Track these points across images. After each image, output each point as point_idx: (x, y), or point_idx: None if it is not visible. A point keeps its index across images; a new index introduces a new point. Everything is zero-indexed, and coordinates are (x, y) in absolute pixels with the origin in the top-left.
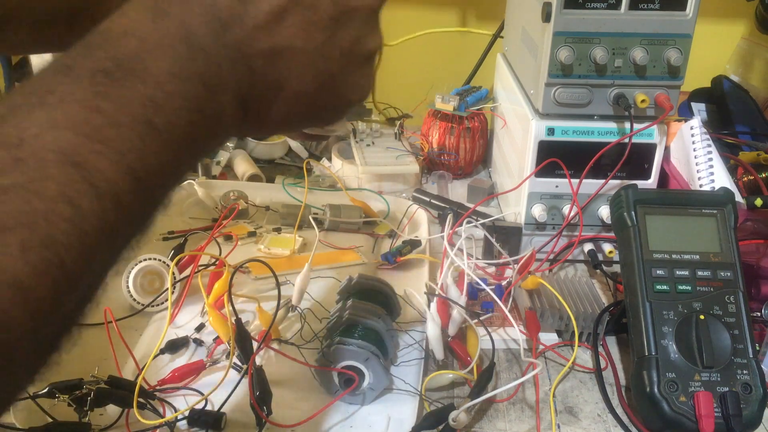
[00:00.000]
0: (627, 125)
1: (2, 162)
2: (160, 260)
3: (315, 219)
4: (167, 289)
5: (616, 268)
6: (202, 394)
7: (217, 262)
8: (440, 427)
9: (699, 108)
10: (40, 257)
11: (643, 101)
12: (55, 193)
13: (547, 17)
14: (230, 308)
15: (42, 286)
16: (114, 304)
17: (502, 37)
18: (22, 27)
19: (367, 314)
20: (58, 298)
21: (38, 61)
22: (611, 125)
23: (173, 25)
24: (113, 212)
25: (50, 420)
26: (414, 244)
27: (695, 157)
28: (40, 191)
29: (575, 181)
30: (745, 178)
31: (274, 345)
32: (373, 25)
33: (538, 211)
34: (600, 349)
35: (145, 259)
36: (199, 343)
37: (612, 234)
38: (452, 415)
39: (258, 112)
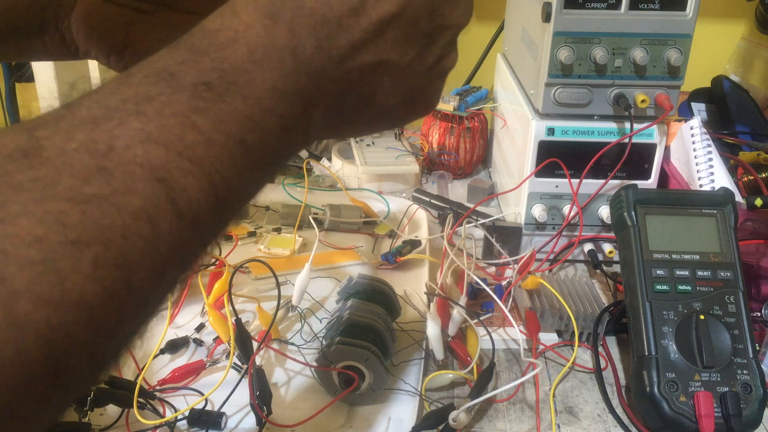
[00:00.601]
0: (627, 125)
1: (88, 170)
2: None
3: (315, 219)
4: None
5: (616, 268)
6: (202, 394)
7: (217, 262)
8: (440, 427)
9: (699, 108)
10: (110, 276)
11: (643, 101)
12: (137, 209)
13: (547, 17)
14: (230, 308)
15: (108, 307)
16: None
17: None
18: (5, 37)
19: (367, 314)
20: (123, 318)
21: (39, 63)
22: (611, 125)
23: (284, 33)
24: (190, 232)
25: None
26: (414, 244)
27: (695, 157)
28: (121, 206)
29: (575, 181)
30: (745, 178)
31: (274, 345)
32: (454, 43)
33: (538, 211)
34: (600, 349)
35: None
36: (199, 343)
37: (612, 234)
38: (452, 415)
39: (343, 122)
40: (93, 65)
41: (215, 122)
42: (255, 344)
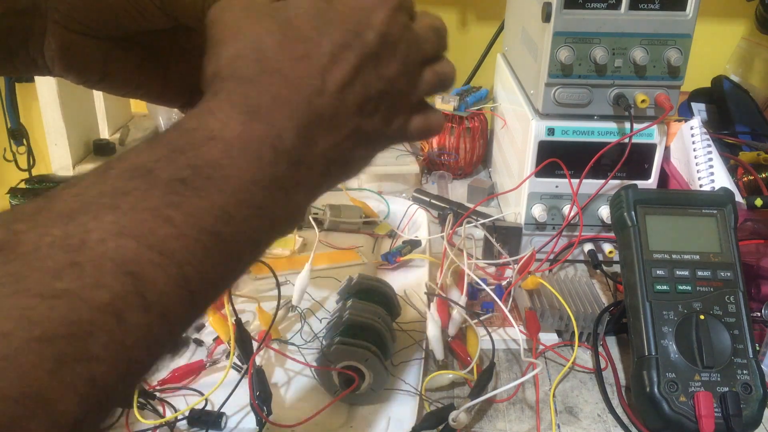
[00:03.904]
0: (627, 125)
1: (60, 265)
2: None
3: (315, 219)
4: None
5: (616, 268)
6: (202, 394)
7: None
8: (440, 427)
9: (699, 108)
10: (72, 372)
11: (643, 101)
12: (105, 304)
13: (547, 17)
14: (230, 308)
15: (68, 401)
16: None
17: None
18: None
19: (367, 314)
20: (83, 413)
21: None
22: (611, 125)
23: (262, 128)
24: (158, 325)
25: None
26: (414, 244)
27: (695, 157)
28: (90, 300)
29: (575, 181)
30: (745, 178)
31: (274, 345)
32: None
33: (538, 211)
34: (600, 349)
35: None
36: (199, 343)
37: (612, 234)
38: (452, 415)
39: (326, 186)
40: None
41: (188, 216)
42: (255, 344)
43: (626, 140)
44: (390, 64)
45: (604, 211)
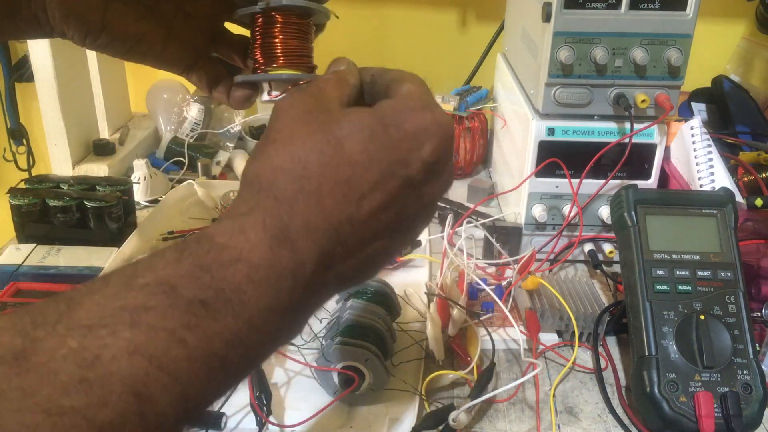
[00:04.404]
0: (627, 125)
1: (70, 380)
2: None
3: None
4: None
5: (616, 268)
6: None
7: None
8: (440, 427)
9: (699, 108)
10: None
11: (643, 101)
12: (106, 422)
13: (547, 17)
14: None
15: None
16: None
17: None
18: None
19: (367, 314)
20: None
21: (39, 62)
22: (611, 125)
23: (287, 255)
24: None
25: None
26: (414, 244)
27: (695, 157)
28: (93, 419)
29: (575, 181)
30: (746, 178)
31: None
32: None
33: (538, 211)
34: (600, 349)
35: None
36: None
37: (612, 234)
38: (452, 415)
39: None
40: (93, 63)
41: (202, 339)
42: None
43: (626, 140)
44: (428, 191)
45: (604, 211)
